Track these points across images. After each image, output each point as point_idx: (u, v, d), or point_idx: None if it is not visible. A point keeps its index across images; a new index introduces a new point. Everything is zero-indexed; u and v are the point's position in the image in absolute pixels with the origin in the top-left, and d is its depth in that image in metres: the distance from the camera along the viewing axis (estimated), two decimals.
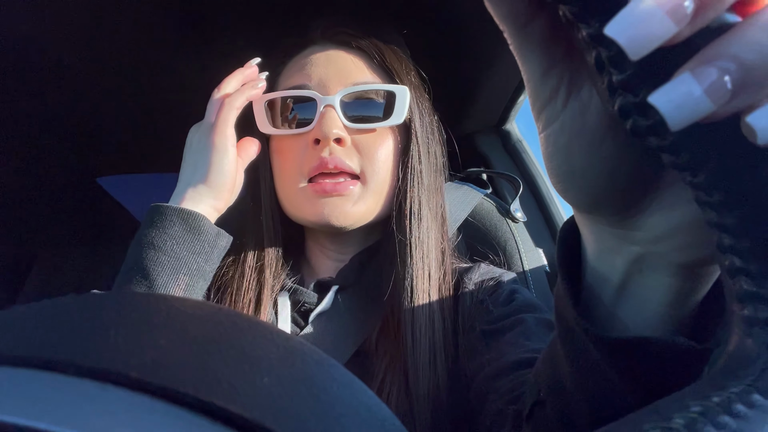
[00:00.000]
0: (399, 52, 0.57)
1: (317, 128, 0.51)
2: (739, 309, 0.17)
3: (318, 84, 0.53)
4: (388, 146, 0.54)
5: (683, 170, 0.16)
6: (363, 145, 0.53)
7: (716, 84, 0.13)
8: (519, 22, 0.19)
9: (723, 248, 0.17)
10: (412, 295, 0.49)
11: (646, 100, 0.15)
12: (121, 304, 0.17)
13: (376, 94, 0.53)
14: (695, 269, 0.22)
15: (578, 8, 0.15)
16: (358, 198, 0.52)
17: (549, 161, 0.22)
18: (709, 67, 0.13)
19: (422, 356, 0.46)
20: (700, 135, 0.15)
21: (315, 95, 0.52)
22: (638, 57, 0.13)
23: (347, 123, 0.52)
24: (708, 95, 0.13)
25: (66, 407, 0.12)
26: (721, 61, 0.13)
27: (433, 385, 0.46)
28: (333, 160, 0.50)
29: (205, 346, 0.15)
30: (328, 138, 0.50)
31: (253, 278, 0.54)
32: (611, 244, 0.24)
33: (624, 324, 0.25)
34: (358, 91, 0.52)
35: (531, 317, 0.44)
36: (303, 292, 0.54)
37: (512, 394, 0.36)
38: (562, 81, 0.20)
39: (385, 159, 0.54)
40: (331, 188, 0.50)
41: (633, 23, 0.13)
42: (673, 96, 0.13)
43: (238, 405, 0.12)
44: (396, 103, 0.53)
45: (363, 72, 0.54)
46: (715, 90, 0.13)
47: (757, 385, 0.14)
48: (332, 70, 0.53)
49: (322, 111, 0.51)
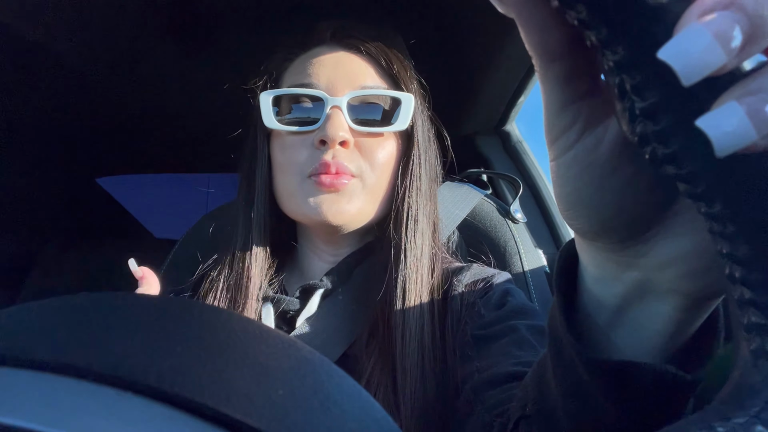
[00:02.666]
0: (404, 60, 0.57)
1: (324, 129, 0.51)
2: (746, 340, 0.17)
3: (326, 85, 0.53)
4: (390, 151, 0.55)
5: (699, 200, 0.16)
6: (365, 148, 0.54)
7: (760, 114, 0.13)
8: (548, 55, 0.19)
9: (733, 279, 0.17)
10: (404, 298, 0.49)
11: (667, 129, 0.15)
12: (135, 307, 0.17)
13: (383, 100, 0.54)
14: (695, 299, 0.22)
15: (605, 35, 0.15)
16: (354, 195, 0.52)
17: (559, 189, 0.22)
18: (753, 98, 0.13)
19: (411, 357, 0.47)
20: (718, 166, 0.15)
21: (323, 95, 0.52)
22: (691, 83, 0.14)
23: (353, 125, 0.52)
24: (753, 124, 0.13)
25: (83, 414, 0.13)
26: (763, 94, 0.13)
27: (421, 387, 0.46)
28: (335, 164, 0.51)
29: (221, 355, 0.15)
30: (335, 140, 0.50)
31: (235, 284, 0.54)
32: (612, 270, 0.24)
33: (618, 348, 0.25)
34: (365, 95, 0.53)
35: (523, 324, 0.44)
36: (285, 300, 0.54)
37: (499, 408, 0.35)
38: (580, 116, 0.20)
39: (385, 163, 0.54)
40: (330, 182, 0.51)
41: (688, 49, 0.13)
42: (721, 122, 0.14)
43: (256, 418, 0.13)
44: (401, 109, 0.54)
45: (371, 77, 0.55)
46: (759, 120, 0.13)
47: (762, 416, 0.14)
48: (341, 72, 0.54)
49: (329, 112, 0.51)
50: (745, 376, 0.16)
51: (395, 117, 0.54)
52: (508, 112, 0.99)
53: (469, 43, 0.81)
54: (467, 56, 0.84)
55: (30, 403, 0.13)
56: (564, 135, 0.21)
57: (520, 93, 0.92)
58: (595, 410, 0.24)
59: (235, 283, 0.55)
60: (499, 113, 1.00)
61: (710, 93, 0.14)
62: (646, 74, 0.15)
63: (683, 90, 0.14)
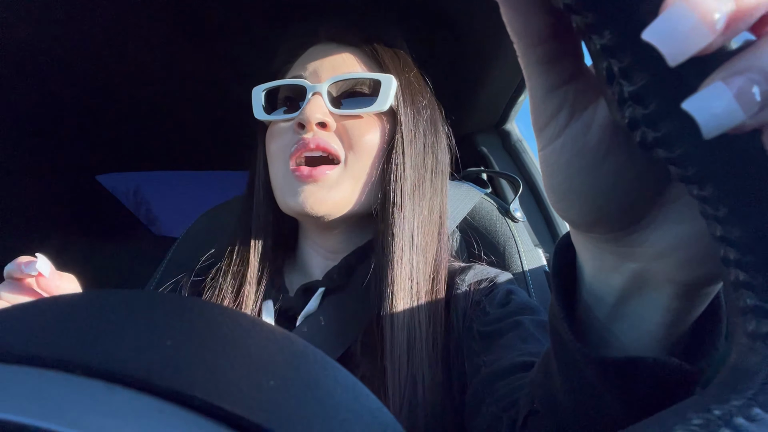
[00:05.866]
0: (398, 51, 0.57)
1: (302, 112, 0.51)
2: (742, 323, 0.17)
3: (311, 74, 0.54)
4: (374, 135, 0.53)
5: (690, 183, 0.16)
6: (348, 132, 0.53)
7: (747, 95, 0.13)
8: (531, 39, 0.19)
9: (728, 262, 0.17)
10: (393, 286, 0.48)
11: (656, 112, 0.15)
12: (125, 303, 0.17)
13: (366, 87, 0.54)
14: (694, 287, 0.22)
15: (591, 19, 0.15)
16: (335, 183, 0.51)
17: (548, 179, 0.22)
18: (740, 78, 0.13)
19: (400, 352, 0.46)
20: (709, 148, 0.15)
21: (305, 83, 0.52)
22: (677, 63, 0.13)
23: (332, 109, 0.52)
24: (741, 105, 0.13)
25: (73, 408, 0.12)
26: (750, 73, 0.13)
27: (410, 384, 0.45)
28: (315, 140, 0.50)
29: (212, 348, 0.15)
30: (311, 122, 0.50)
31: (236, 282, 0.55)
32: (610, 262, 0.23)
33: (619, 340, 0.25)
34: (345, 79, 0.53)
35: (528, 319, 0.44)
36: (285, 298, 0.54)
37: (508, 399, 0.35)
38: (566, 101, 0.20)
39: (369, 146, 0.53)
40: (308, 173, 0.50)
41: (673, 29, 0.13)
42: (708, 103, 0.13)
43: (245, 408, 0.12)
44: (381, 90, 0.53)
45: (355, 65, 0.55)
46: (746, 100, 0.13)
47: (758, 399, 0.14)
48: (326, 62, 0.54)
49: (310, 98, 0.52)
50: (742, 359, 0.16)
51: (376, 99, 0.53)
52: (508, 111, 0.99)
53: (469, 43, 0.81)
54: (467, 55, 0.84)
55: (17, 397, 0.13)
56: (552, 121, 0.21)
57: (520, 92, 0.92)
58: (601, 405, 0.24)
59: (235, 281, 0.55)
60: (499, 112, 1.00)
61: (698, 74, 0.14)
62: (634, 57, 0.15)
63: (671, 72, 0.14)
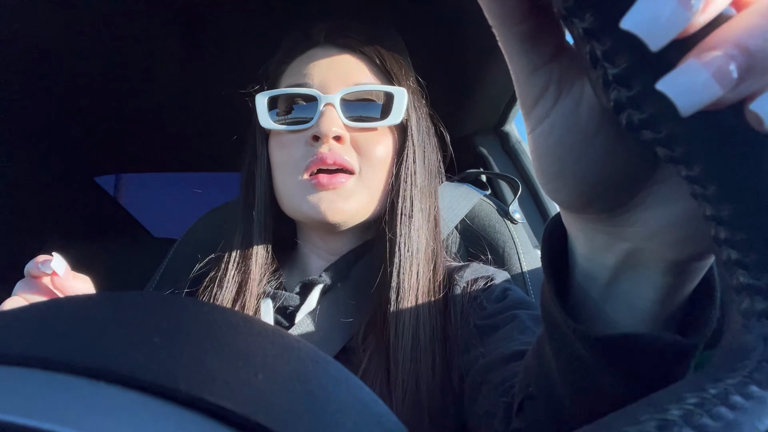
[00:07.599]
0: (399, 58, 0.58)
1: (317, 125, 0.52)
2: (736, 301, 0.16)
3: (320, 84, 0.54)
4: (386, 146, 0.55)
5: (678, 163, 0.16)
6: (361, 144, 0.54)
7: (722, 69, 0.13)
8: (509, 19, 0.18)
9: (719, 241, 0.16)
10: (399, 292, 0.50)
11: (641, 93, 0.15)
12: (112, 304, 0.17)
13: (376, 96, 0.55)
14: (686, 265, 0.22)
15: (572, 3, 0.15)
16: (351, 194, 0.53)
17: (538, 161, 0.22)
18: (715, 53, 0.13)
19: (404, 350, 0.47)
20: (694, 127, 0.15)
21: (316, 93, 0.53)
22: (658, 48, 0.13)
23: (346, 121, 0.53)
24: (716, 80, 0.13)
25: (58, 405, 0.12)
26: (725, 48, 0.13)
27: (413, 379, 0.46)
28: (332, 155, 0.51)
29: (199, 343, 0.15)
30: (328, 135, 0.51)
31: (236, 282, 0.55)
32: (601, 242, 0.23)
33: (612, 319, 0.24)
34: (357, 91, 0.53)
35: (524, 313, 0.45)
36: (284, 296, 0.55)
37: (504, 385, 0.36)
38: (551, 80, 0.20)
39: (382, 158, 0.55)
40: (327, 181, 0.51)
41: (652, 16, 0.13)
42: (681, 81, 0.13)
43: (231, 401, 0.12)
44: (394, 104, 0.54)
45: (364, 74, 0.55)
46: (721, 75, 0.13)
47: (754, 376, 0.14)
48: (334, 71, 0.55)
49: (323, 109, 0.52)
50: (736, 337, 0.16)
51: (388, 111, 0.54)
52: (507, 113, 0.99)
53: (468, 44, 0.81)
54: (467, 56, 0.84)
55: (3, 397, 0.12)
56: (539, 102, 0.20)
57: None
58: (596, 385, 0.24)
59: (235, 282, 0.55)
60: (498, 113, 1.00)
61: (679, 53, 0.14)
62: (616, 39, 0.15)
63: (653, 53, 0.14)
